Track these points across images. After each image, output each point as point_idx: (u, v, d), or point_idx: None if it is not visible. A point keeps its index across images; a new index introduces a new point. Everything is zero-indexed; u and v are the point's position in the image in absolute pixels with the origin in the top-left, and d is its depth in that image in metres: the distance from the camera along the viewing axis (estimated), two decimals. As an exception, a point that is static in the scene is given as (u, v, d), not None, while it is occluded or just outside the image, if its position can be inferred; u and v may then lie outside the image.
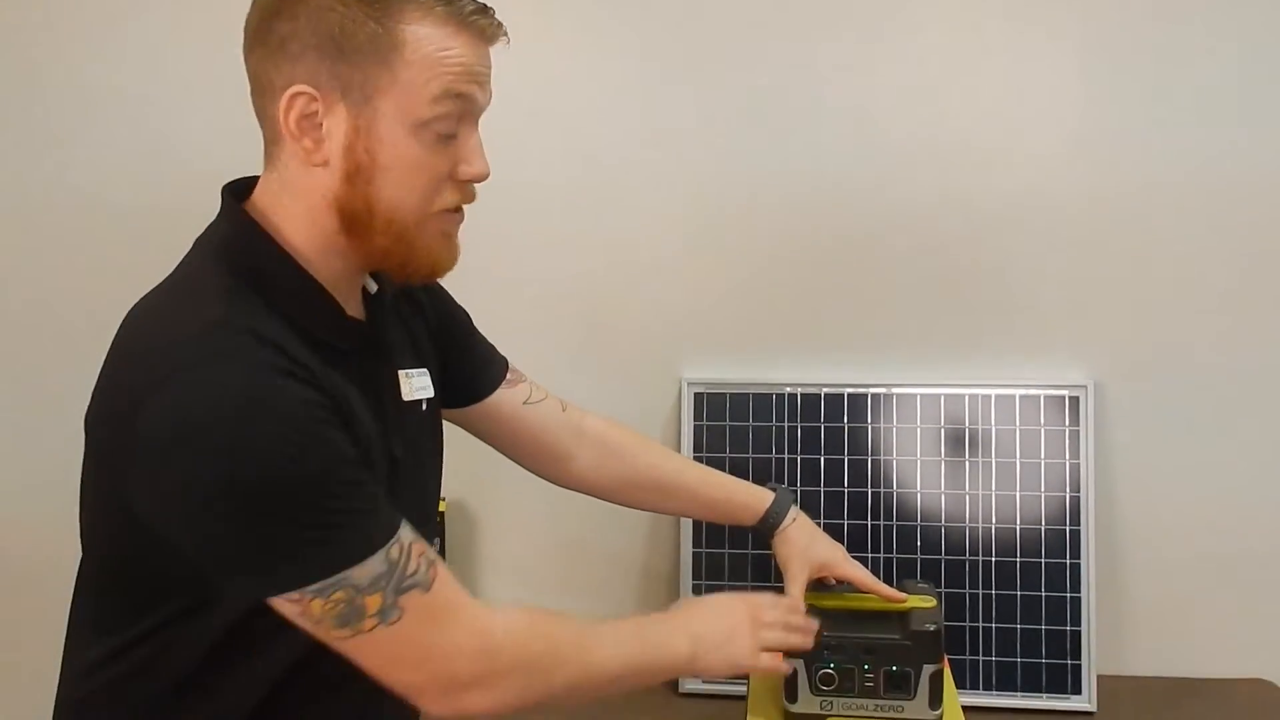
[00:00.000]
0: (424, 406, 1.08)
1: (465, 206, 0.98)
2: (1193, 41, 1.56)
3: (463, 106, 0.93)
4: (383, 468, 0.97)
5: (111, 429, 0.88)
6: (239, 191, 0.98)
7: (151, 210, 1.68)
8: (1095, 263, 1.60)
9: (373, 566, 0.85)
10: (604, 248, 1.68)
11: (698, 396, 1.65)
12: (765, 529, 1.30)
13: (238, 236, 0.94)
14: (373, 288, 1.04)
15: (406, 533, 0.89)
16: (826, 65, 1.61)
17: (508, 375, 1.26)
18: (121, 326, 0.93)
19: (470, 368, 1.22)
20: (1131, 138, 1.58)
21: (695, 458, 1.62)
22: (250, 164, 0.99)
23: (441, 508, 1.62)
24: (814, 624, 1.16)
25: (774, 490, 1.32)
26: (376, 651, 0.88)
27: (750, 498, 1.32)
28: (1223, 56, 1.55)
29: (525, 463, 1.30)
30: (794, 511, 1.31)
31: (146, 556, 0.90)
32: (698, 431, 1.64)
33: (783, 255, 1.65)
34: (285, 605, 0.86)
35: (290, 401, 0.84)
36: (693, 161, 1.65)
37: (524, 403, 1.26)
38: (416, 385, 1.06)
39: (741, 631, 1.09)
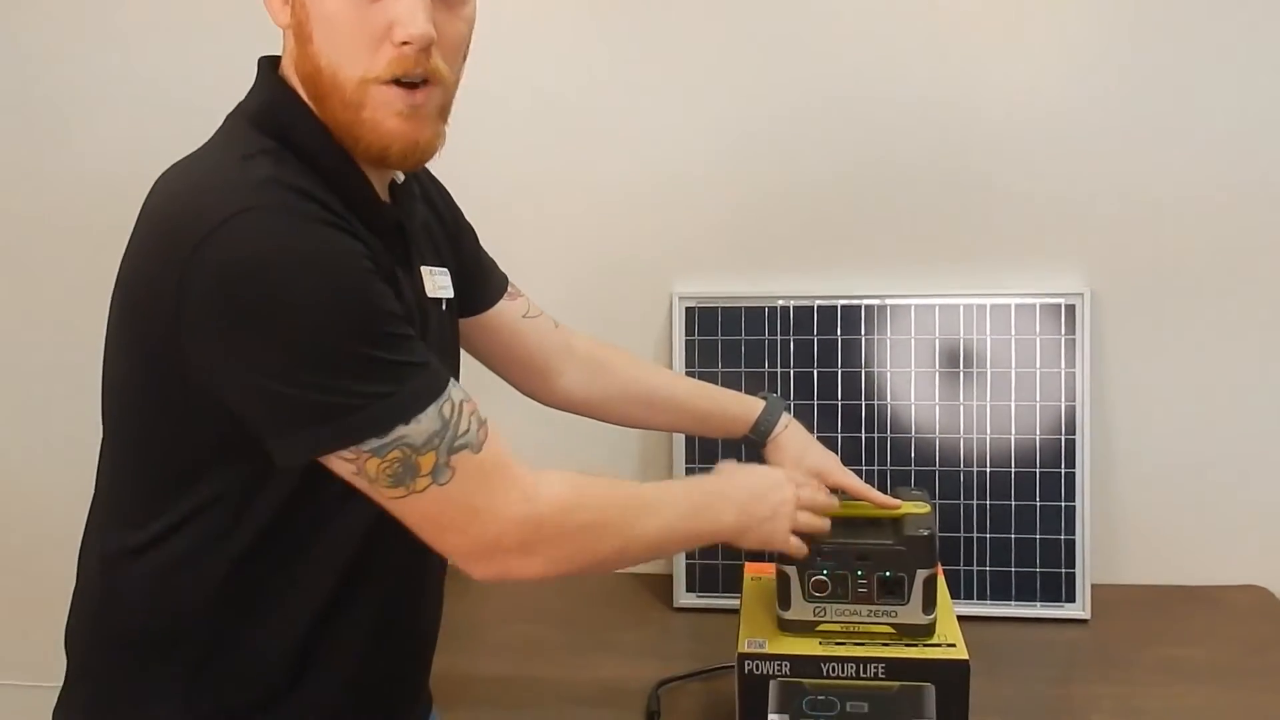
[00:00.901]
0: (444, 307, 1.06)
1: (439, 96, 0.93)
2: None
3: None
4: None
5: (156, 288, 0.84)
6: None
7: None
8: (1091, 169, 1.57)
9: (427, 424, 0.85)
10: (594, 161, 1.65)
11: (689, 310, 1.62)
12: (757, 437, 1.29)
13: (274, 103, 0.93)
14: (400, 178, 1.03)
15: (457, 391, 0.89)
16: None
17: (508, 289, 1.26)
18: (156, 190, 0.91)
19: (477, 277, 1.22)
20: (1131, 43, 1.54)
21: (687, 372, 1.61)
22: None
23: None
24: (834, 501, 1.17)
25: (765, 399, 1.31)
26: (426, 512, 0.88)
27: (741, 408, 1.31)
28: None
29: (515, 379, 1.29)
30: (786, 418, 1.30)
31: (193, 427, 0.88)
32: (689, 346, 1.62)
33: (774, 167, 1.62)
34: (340, 464, 0.85)
35: (339, 252, 0.84)
36: (683, 74, 1.61)
37: (522, 316, 1.26)
38: (439, 283, 1.05)
39: (784, 512, 1.10)
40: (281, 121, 0.92)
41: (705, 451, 1.61)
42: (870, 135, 1.60)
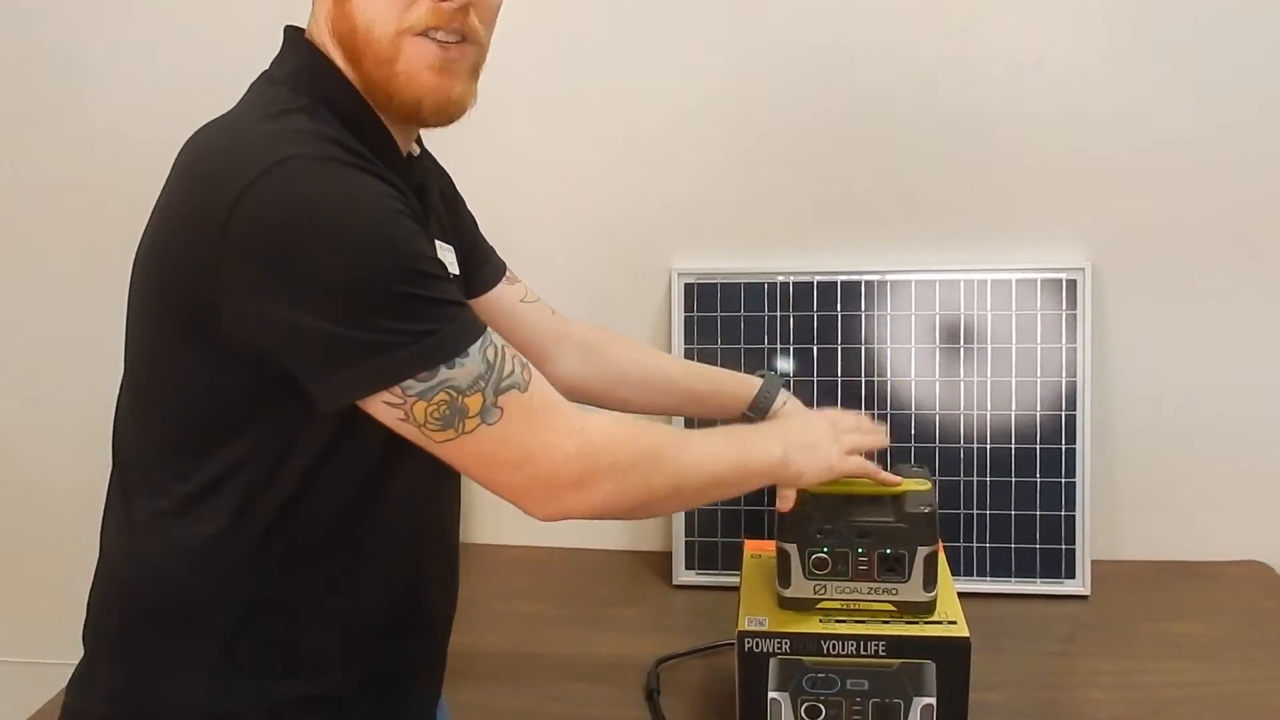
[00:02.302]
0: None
1: (473, 55, 0.94)
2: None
3: None
4: None
5: (195, 239, 0.84)
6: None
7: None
8: (1093, 143, 1.55)
9: (471, 366, 0.85)
10: (590, 137, 1.63)
11: (688, 287, 1.61)
12: (755, 415, 1.28)
13: (307, 67, 0.93)
14: (416, 151, 1.03)
15: (497, 336, 0.90)
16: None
17: (506, 273, 1.25)
18: (190, 148, 0.90)
19: (476, 260, 1.22)
20: (1133, 14, 1.52)
21: (686, 349, 1.60)
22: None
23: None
24: (883, 427, 1.19)
25: (762, 376, 1.30)
26: (478, 453, 0.88)
27: (738, 386, 1.31)
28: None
29: None
30: (784, 395, 1.29)
31: (228, 380, 0.88)
32: (688, 323, 1.61)
33: (773, 141, 1.61)
34: (386, 410, 0.85)
35: (377, 194, 0.85)
36: (681, 47, 1.60)
37: (519, 301, 1.26)
38: (447, 260, 1.03)
39: (826, 437, 1.12)
40: (314, 84, 0.92)
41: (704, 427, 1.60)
42: (870, 111, 1.58)
